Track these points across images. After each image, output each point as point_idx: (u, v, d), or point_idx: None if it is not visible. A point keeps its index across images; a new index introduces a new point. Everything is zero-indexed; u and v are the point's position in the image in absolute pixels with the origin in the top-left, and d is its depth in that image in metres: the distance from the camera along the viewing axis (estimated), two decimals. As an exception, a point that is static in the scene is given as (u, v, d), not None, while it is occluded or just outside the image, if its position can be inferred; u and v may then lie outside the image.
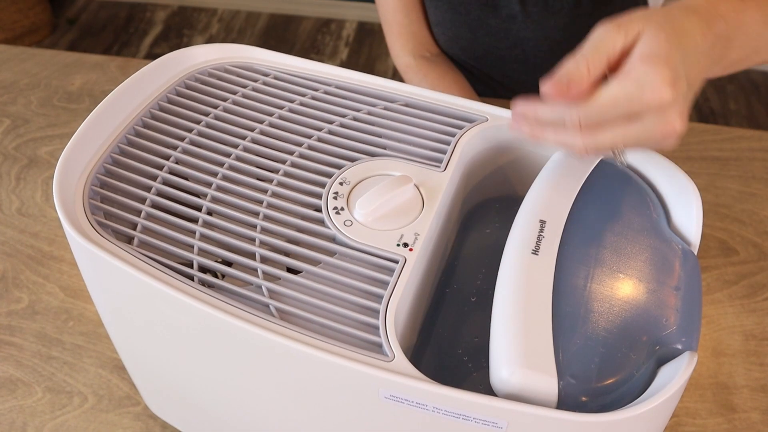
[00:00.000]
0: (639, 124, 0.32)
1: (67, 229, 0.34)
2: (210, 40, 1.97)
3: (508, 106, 0.40)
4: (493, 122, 0.42)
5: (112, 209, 0.37)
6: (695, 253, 0.38)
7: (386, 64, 1.97)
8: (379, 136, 0.41)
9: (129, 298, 0.36)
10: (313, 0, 2.09)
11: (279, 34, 2.04)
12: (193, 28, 2.01)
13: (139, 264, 0.33)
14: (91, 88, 0.85)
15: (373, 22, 2.10)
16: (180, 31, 1.99)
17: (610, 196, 0.38)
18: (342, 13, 2.11)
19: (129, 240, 0.36)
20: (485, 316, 0.40)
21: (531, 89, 0.83)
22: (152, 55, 1.91)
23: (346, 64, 1.93)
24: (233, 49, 0.46)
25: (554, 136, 0.34)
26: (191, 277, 0.34)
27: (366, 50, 2.01)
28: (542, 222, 0.36)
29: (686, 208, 0.38)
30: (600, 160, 0.40)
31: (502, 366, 0.31)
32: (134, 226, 0.36)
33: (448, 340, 0.38)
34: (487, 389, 0.35)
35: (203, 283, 0.33)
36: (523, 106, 0.35)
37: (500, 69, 0.80)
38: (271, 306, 0.32)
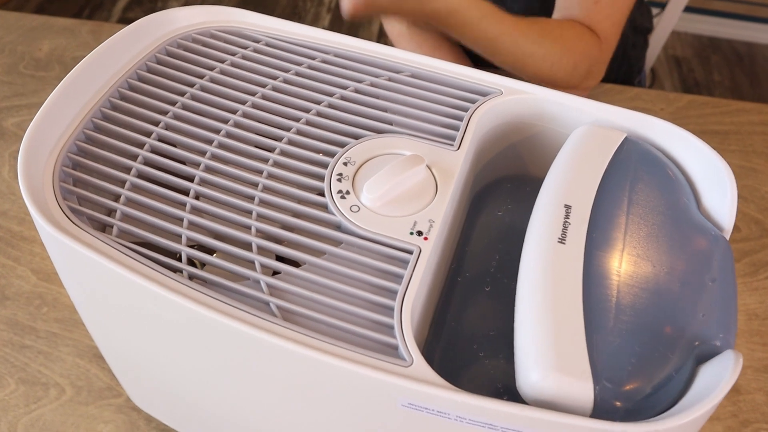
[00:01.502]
0: None
1: (35, 217, 0.30)
2: (187, 3, 1.89)
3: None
4: (509, 95, 0.38)
5: (87, 193, 0.33)
6: (727, 239, 0.35)
7: (370, 31, 1.91)
8: (385, 110, 0.37)
9: (108, 293, 0.32)
10: (294, -37, 2.00)
11: (258, -1, 1.96)
12: (167, -9, 1.92)
13: (119, 257, 0.29)
14: (60, 54, 0.79)
15: (356, -12, 2.02)
16: (154, -5, 1.90)
17: (637, 178, 0.35)
18: (324, -23, 2.03)
19: (106, 228, 0.32)
20: (501, 306, 0.37)
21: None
22: (126, 20, 1.82)
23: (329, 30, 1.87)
24: (219, 12, 0.41)
25: None
26: (179, 271, 0.30)
27: (349, 17, 1.94)
28: (567, 207, 0.33)
29: (718, 191, 0.35)
30: (624, 138, 0.37)
31: (532, 369, 0.28)
32: (112, 213, 0.32)
33: (463, 335, 0.35)
34: (507, 389, 0.32)
35: (192, 277, 0.30)
36: None
37: None
38: (271, 304, 0.29)
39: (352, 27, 1.91)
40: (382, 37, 1.88)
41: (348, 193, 0.32)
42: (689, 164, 0.37)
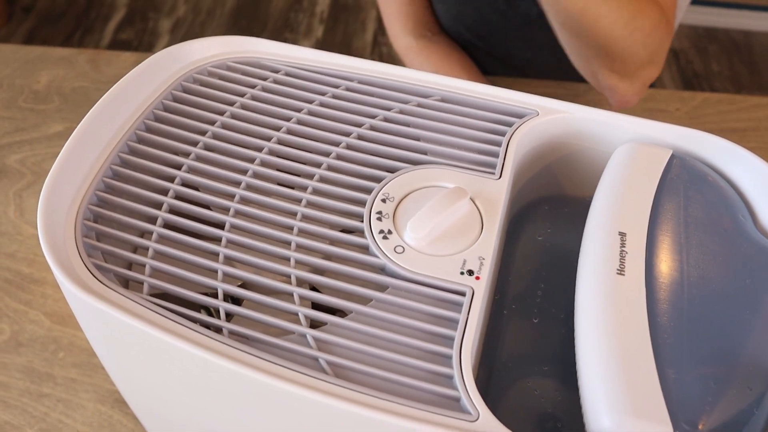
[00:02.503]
0: None
1: (60, 279, 0.28)
2: (177, 23, 1.87)
3: (519, 87, 0.35)
4: (546, 116, 0.36)
5: (111, 248, 0.31)
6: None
7: (363, 40, 1.90)
8: (417, 139, 0.35)
9: (140, 350, 0.30)
10: (283, -24, 1.98)
11: (250, 13, 1.94)
12: (158, 10, 1.90)
13: (153, 318, 0.27)
14: (59, 85, 0.77)
15: (348, -3, 2.01)
16: (145, 15, 1.88)
17: (689, 198, 0.34)
18: (314, -12, 2.01)
19: (131, 283, 0.30)
20: (552, 339, 0.36)
21: (535, 67, 0.78)
22: (118, 42, 1.81)
23: (322, 42, 1.85)
24: (233, 42, 0.39)
25: None
26: (219, 330, 0.28)
27: (342, 27, 1.93)
28: (622, 235, 0.31)
29: (775, 206, 0.34)
30: (671, 155, 0.35)
31: (604, 414, 0.26)
32: (141, 268, 0.30)
33: (516, 373, 0.33)
34: (569, 429, 0.31)
35: (233, 334, 0.28)
36: None
37: (505, 47, 0.75)
38: (320, 360, 0.27)
39: (346, 36, 1.89)
40: (376, 47, 1.86)
41: (390, 232, 0.31)
42: (740, 178, 0.35)
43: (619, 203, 0.32)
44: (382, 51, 1.85)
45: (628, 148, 0.35)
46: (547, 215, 0.40)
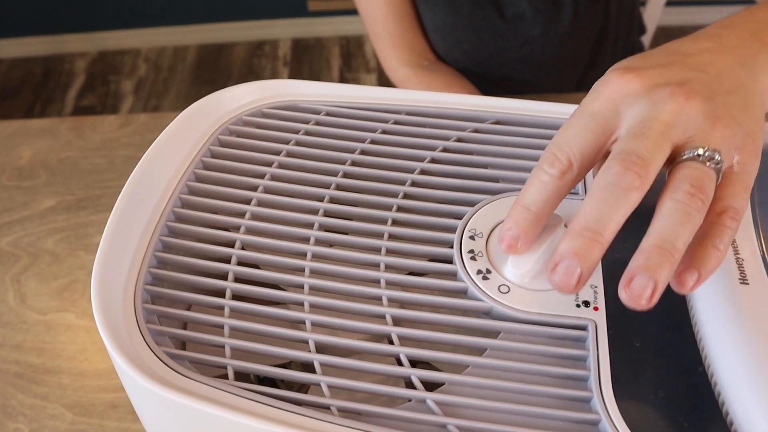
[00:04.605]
0: None
1: (133, 378, 0.24)
2: (140, 83, 1.83)
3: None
4: (612, 126, 0.34)
5: (181, 332, 0.27)
6: None
7: (330, 77, 1.89)
8: (485, 166, 0.33)
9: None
10: (241, 24, 1.97)
11: (212, 64, 1.92)
12: (118, 72, 1.86)
13: (257, 409, 0.23)
14: (44, 158, 0.73)
15: (308, 38, 2.01)
16: (105, 78, 1.84)
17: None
18: (274, 33, 2.01)
19: (211, 369, 0.26)
20: (661, 362, 0.33)
21: (532, 89, 0.77)
22: (81, 108, 1.76)
23: (291, 85, 1.83)
24: (265, 87, 0.37)
25: None
26: (324, 407, 0.24)
27: (306, 67, 1.92)
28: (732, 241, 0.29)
29: None
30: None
31: (761, 422, 0.23)
32: (220, 351, 0.26)
33: (632, 404, 0.30)
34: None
35: (343, 411, 0.24)
36: None
37: (503, 71, 0.74)
38: (449, 426, 0.24)
39: (312, 76, 1.88)
40: (344, 83, 1.86)
41: (489, 271, 0.28)
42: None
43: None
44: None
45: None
46: (620, 230, 0.38)
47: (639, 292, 0.23)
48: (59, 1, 1.84)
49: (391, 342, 0.26)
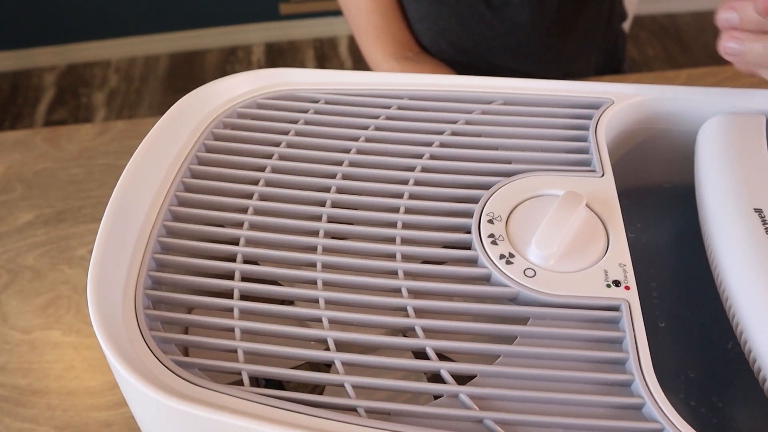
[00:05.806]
0: None
1: (143, 392, 0.22)
2: (111, 94, 1.79)
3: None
4: (622, 102, 0.33)
5: (187, 337, 0.25)
6: None
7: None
8: (496, 148, 0.32)
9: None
10: (212, 31, 1.94)
11: (184, 72, 1.88)
12: (89, 85, 1.82)
13: (285, 417, 0.22)
14: (19, 170, 0.70)
15: (282, 42, 1.99)
16: (76, 91, 1.80)
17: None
18: (246, 38, 1.98)
19: (223, 376, 0.25)
20: (688, 342, 0.32)
21: (519, 77, 0.76)
22: (52, 123, 1.71)
23: (267, 90, 1.81)
24: (260, 77, 0.35)
25: None
26: (353, 409, 0.23)
27: (282, 71, 1.89)
28: (758, 211, 0.28)
29: None
30: (766, 119, 0.32)
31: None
32: (231, 355, 0.24)
33: (666, 384, 0.29)
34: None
35: (371, 412, 0.23)
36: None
37: (489, 60, 0.73)
38: (487, 420, 0.22)
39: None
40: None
41: (512, 255, 0.26)
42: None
43: (740, 178, 0.29)
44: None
45: (718, 121, 0.33)
46: (630, 210, 0.37)
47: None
48: (24, 14, 1.79)
49: (407, 336, 0.25)
